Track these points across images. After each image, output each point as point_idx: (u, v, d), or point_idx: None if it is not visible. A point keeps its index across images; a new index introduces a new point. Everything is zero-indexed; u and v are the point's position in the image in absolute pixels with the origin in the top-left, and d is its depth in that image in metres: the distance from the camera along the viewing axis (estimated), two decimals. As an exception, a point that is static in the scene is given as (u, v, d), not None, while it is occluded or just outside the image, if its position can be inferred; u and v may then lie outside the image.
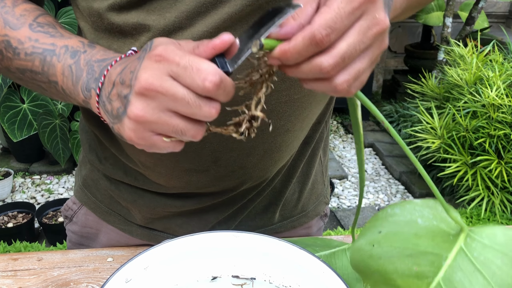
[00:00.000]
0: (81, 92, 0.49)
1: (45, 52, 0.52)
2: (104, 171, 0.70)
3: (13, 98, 2.52)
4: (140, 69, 0.41)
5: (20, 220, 2.24)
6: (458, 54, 2.55)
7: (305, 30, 0.38)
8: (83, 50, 0.51)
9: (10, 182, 2.60)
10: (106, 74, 0.46)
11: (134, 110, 0.41)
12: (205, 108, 0.40)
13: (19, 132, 2.49)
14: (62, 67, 0.51)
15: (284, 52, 0.39)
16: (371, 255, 0.48)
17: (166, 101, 0.40)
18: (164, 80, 0.40)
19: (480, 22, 3.50)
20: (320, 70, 0.39)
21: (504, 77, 2.26)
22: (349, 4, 0.38)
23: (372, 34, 0.39)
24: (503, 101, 2.15)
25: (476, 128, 2.22)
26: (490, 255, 0.45)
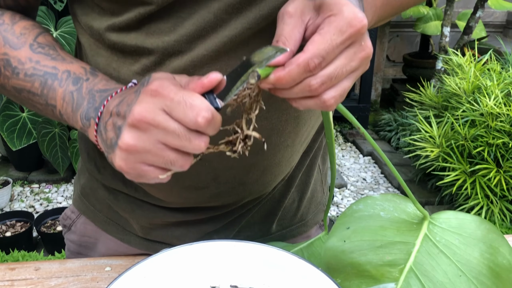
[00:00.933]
0: (79, 120, 0.50)
1: (46, 75, 0.52)
2: (102, 180, 0.70)
3: (12, 107, 2.52)
4: (136, 103, 0.42)
5: (19, 229, 2.23)
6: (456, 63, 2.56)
7: (299, 57, 0.41)
8: (86, 78, 0.51)
9: (9, 190, 2.59)
10: (106, 104, 0.47)
11: (125, 141, 0.42)
12: (195, 142, 0.42)
13: (18, 141, 2.49)
14: (63, 92, 0.51)
15: (279, 79, 0.42)
16: (343, 250, 0.52)
17: (157, 133, 0.42)
18: (157, 114, 0.41)
19: (477, 31, 3.52)
20: (309, 88, 0.42)
21: (502, 86, 2.27)
22: (340, 36, 0.42)
23: (358, 58, 0.43)
24: (501, 110, 2.16)
25: (474, 136, 2.23)
26: (449, 237, 0.52)
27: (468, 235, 0.52)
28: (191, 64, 0.52)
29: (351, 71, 0.44)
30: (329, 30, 0.42)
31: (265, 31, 0.52)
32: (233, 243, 0.61)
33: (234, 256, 0.60)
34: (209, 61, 0.52)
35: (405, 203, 0.55)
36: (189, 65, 0.52)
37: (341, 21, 0.42)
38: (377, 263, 0.51)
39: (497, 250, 0.51)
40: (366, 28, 0.43)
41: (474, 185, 2.23)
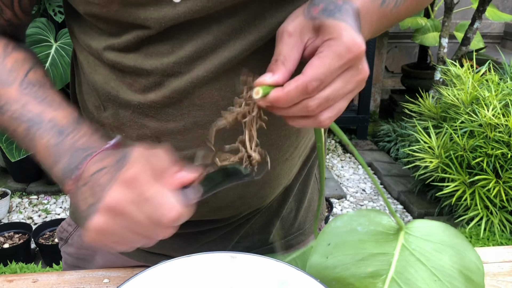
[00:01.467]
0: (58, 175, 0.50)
1: (31, 122, 0.52)
2: None
3: (11, 118, 2.52)
4: (110, 188, 0.44)
5: (17, 241, 2.22)
6: (454, 74, 2.57)
7: (298, 80, 0.43)
8: (71, 130, 0.51)
9: (7, 202, 2.58)
10: (84, 169, 0.48)
11: (97, 222, 0.44)
12: (158, 234, 0.45)
13: (17, 152, 2.49)
14: (46, 143, 0.51)
15: (277, 99, 0.44)
16: (327, 266, 0.54)
17: (125, 222, 0.44)
18: (127, 205, 0.43)
19: (475, 42, 3.54)
20: (307, 109, 0.44)
21: (500, 97, 2.28)
22: (339, 61, 0.43)
23: (355, 81, 0.45)
24: (499, 120, 2.16)
25: (473, 147, 2.23)
26: (422, 245, 0.54)
27: (437, 241, 0.54)
28: (191, 84, 0.52)
29: (347, 93, 0.45)
30: (327, 55, 0.43)
31: (263, 51, 0.53)
32: (231, 254, 0.60)
33: (232, 268, 0.60)
34: (209, 81, 0.52)
35: (380, 216, 0.57)
36: (189, 85, 0.52)
37: (340, 46, 0.43)
38: (360, 276, 0.53)
39: (464, 254, 0.53)
40: (364, 53, 0.44)
41: (473, 196, 2.22)
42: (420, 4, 0.60)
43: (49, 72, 2.50)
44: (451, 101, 2.43)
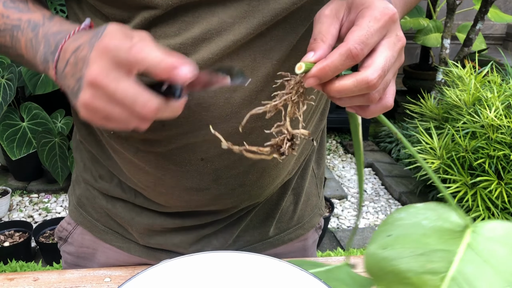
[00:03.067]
0: (39, 64, 0.52)
1: (13, 28, 0.55)
2: (100, 189, 0.69)
3: (12, 116, 2.52)
4: (90, 59, 0.43)
5: (17, 239, 2.22)
6: (456, 75, 2.57)
7: (340, 47, 0.43)
8: (42, 23, 0.53)
9: (8, 200, 2.58)
10: (61, 49, 0.48)
11: (83, 97, 0.44)
12: (138, 107, 0.43)
13: (18, 150, 2.49)
14: (25, 41, 0.53)
15: (322, 69, 0.44)
16: (384, 257, 0.52)
17: (107, 93, 0.43)
18: (107, 73, 0.42)
19: (477, 43, 3.54)
20: (367, 84, 0.43)
21: (503, 98, 2.27)
22: (376, 23, 0.44)
23: (397, 48, 0.46)
24: (502, 122, 2.16)
25: (475, 148, 2.22)
26: (493, 247, 0.50)
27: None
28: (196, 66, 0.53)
29: (394, 62, 0.46)
30: (364, 19, 0.44)
31: (266, 36, 0.54)
32: (235, 253, 0.60)
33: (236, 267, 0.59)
34: (213, 63, 0.53)
35: (449, 212, 0.54)
36: None
37: (374, 10, 0.44)
38: (418, 271, 0.50)
39: None
40: (398, 17, 0.45)
41: (475, 197, 2.22)
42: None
43: (50, 70, 2.49)
44: (453, 102, 2.42)
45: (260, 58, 0.55)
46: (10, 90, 2.38)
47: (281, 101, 0.46)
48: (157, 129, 0.57)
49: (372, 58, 0.44)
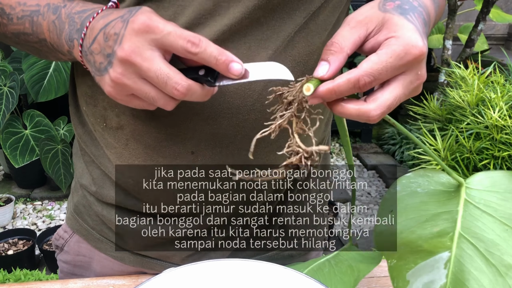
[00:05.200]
0: (65, 43, 0.52)
1: (32, 13, 0.55)
2: (95, 194, 0.69)
3: (15, 124, 2.52)
4: (125, 35, 0.44)
5: (21, 247, 2.21)
6: (459, 76, 2.56)
7: (351, 73, 0.42)
8: (63, 5, 0.53)
9: (11, 208, 2.58)
10: (89, 26, 0.48)
11: (114, 73, 0.45)
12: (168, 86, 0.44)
13: (21, 158, 2.49)
14: (47, 24, 0.53)
15: (328, 91, 0.43)
16: (392, 232, 0.54)
17: (139, 71, 0.44)
18: (144, 50, 0.44)
19: (480, 44, 3.53)
20: (368, 118, 0.43)
21: (506, 98, 2.26)
22: (397, 61, 0.42)
23: (413, 87, 0.44)
24: (506, 122, 2.15)
25: (480, 149, 2.21)
26: (487, 197, 0.54)
27: (504, 190, 0.54)
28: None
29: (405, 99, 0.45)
30: (386, 52, 0.42)
31: (261, 23, 0.53)
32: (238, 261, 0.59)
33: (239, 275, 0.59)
34: None
35: (438, 174, 0.57)
36: None
37: (401, 45, 0.42)
38: (427, 236, 0.53)
39: None
40: (425, 56, 0.43)
41: (480, 199, 2.20)
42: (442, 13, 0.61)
43: (52, 78, 2.50)
44: (457, 103, 2.41)
45: (255, 47, 0.54)
46: (13, 98, 2.38)
47: (284, 119, 0.45)
48: (147, 118, 0.57)
49: (381, 92, 0.43)
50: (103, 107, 0.61)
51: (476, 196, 0.54)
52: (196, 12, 0.52)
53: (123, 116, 0.60)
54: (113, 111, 0.60)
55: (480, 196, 0.54)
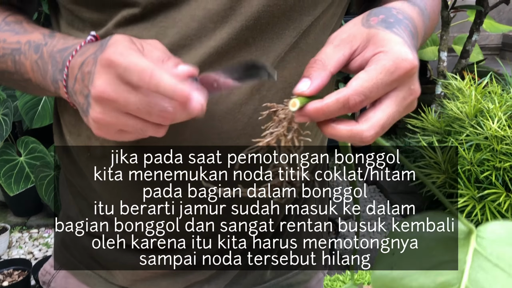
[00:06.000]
0: (51, 84, 0.49)
1: (13, 52, 0.52)
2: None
3: (9, 152, 2.49)
4: (95, 73, 0.41)
5: (16, 278, 2.16)
6: (456, 87, 2.54)
7: (340, 92, 0.39)
8: (44, 43, 0.50)
9: (7, 238, 2.54)
10: (69, 65, 0.46)
11: (93, 113, 0.42)
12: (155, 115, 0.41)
13: (16, 186, 2.45)
14: (30, 64, 0.51)
15: (316, 111, 0.40)
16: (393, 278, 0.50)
17: (119, 106, 0.41)
18: (116, 86, 0.40)
19: (475, 54, 3.53)
20: (361, 139, 0.40)
21: (505, 108, 2.24)
22: (388, 77, 0.39)
23: (407, 103, 0.42)
24: (505, 132, 2.12)
25: (480, 161, 2.18)
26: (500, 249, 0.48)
27: None
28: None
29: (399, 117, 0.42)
30: (376, 69, 0.40)
31: (250, 44, 0.50)
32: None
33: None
34: None
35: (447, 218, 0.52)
36: None
37: (391, 60, 0.40)
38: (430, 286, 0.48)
39: None
40: (416, 69, 0.40)
41: (484, 211, 2.16)
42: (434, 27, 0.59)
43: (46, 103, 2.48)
44: (455, 115, 2.39)
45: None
46: (6, 125, 2.36)
47: (273, 137, 0.43)
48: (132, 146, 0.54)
49: (374, 111, 0.40)
50: (86, 136, 0.59)
51: (488, 246, 0.49)
52: (181, 33, 0.49)
53: (107, 145, 0.57)
54: (97, 139, 0.57)
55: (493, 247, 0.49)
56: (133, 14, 0.49)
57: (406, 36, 0.42)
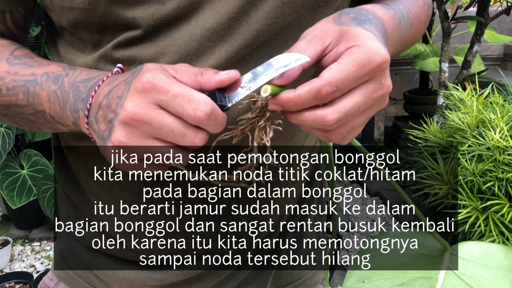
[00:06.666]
0: (70, 114, 0.48)
1: (27, 83, 0.51)
2: (82, 240, 0.65)
3: (12, 165, 2.50)
4: (127, 97, 0.40)
5: (17, 291, 2.16)
6: (457, 98, 2.54)
7: (312, 82, 0.40)
8: (65, 73, 0.50)
9: (9, 251, 2.53)
10: (94, 95, 0.45)
11: (117, 137, 0.41)
12: (188, 137, 0.41)
13: (18, 199, 2.45)
14: (47, 94, 0.50)
15: (288, 100, 0.41)
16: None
17: (150, 129, 0.41)
18: (150, 109, 0.40)
19: (476, 65, 3.53)
20: (323, 123, 0.41)
21: (506, 118, 2.24)
22: (360, 69, 0.40)
23: (376, 96, 0.42)
24: (508, 143, 2.11)
25: (483, 171, 2.17)
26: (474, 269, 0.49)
27: (495, 266, 0.49)
28: None
29: (367, 109, 0.42)
30: (348, 61, 0.41)
31: (248, 61, 0.51)
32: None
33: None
34: None
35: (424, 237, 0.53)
36: None
37: (363, 54, 0.41)
38: None
39: None
40: (388, 64, 0.41)
41: (487, 222, 2.15)
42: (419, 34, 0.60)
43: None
44: (457, 125, 2.39)
45: None
46: (9, 138, 2.37)
47: (247, 125, 0.44)
48: None
49: (340, 98, 0.41)
50: (86, 153, 0.59)
51: (462, 265, 0.50)
52: (180, 52, 0.50)
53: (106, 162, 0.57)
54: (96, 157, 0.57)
55: (467, 266, 0.50)
56: (134, 35, 0.50)
57: (376, 32, 0.44)
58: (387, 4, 0.53)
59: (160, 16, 0.48)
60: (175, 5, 0.48)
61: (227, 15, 0.49)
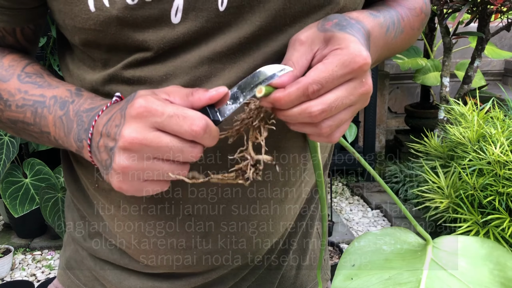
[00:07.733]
0: (74, 143, 0.50)
1: (35, 104, 0.53)
2: (88, 249, 0.66)
3: (15, 173, 2.51)
4: (124, 124, 0.43)
5: (18, 300, 2.15)
6: (458, 112, 2.56)
7: (300, 81, 0.44)
8: (71, 100, 0.52)
9: (10, 259, 2.53)
10: (94, 125, 0.47)
11: (118, 163, 0.43)
12: (186, 152, 0.43)
13: (21, 208, 2.46)
14: (53, 118, 0.52)
15: (278, 99, 0.44)
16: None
17: (149, 151, 0.43)
18: (147, 132, 0.43)
19: (477, 80, 3.55)
20: (309, 114, 0.44)
21: (507, 133, 2.25)
22: (342, 70, 0.44)
23: (358, 93, 0.45)
24: (508, 157, 2.13)
25: (483, 186, 2.18)
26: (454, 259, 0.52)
27: (474, 255, 0.52)
28: None
29: (350, 104, 0.46)
30: (332, 62, 0.44)
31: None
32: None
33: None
34: None
35: (406, 234, 0.56)
36: None
37: (346, 55, 0.44)
38: None
39: (504, 265, 0.51)
40: (369, 66, 0.44)
41: (487, 236, 2.15)
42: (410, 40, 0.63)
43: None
44: (458, 140, 2.40)
45: None
46: (13, 147, 2.38)
47: (242, 125, 0.47)
48: None
49: (325, 93, 0.44)
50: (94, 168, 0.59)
51: (444, 257, 0.53)
52: (191, 74, 0.51)
53: None
54: None
55: (448, 258, 0.53)
56: (144, 57, 0.51)
57: (359, 36, 0.47)
58: (378, 11, 0.56)
59: (170, 39, 0.49)
60: (185, 29, 0.49)
61: (238, 41, 0.50)
